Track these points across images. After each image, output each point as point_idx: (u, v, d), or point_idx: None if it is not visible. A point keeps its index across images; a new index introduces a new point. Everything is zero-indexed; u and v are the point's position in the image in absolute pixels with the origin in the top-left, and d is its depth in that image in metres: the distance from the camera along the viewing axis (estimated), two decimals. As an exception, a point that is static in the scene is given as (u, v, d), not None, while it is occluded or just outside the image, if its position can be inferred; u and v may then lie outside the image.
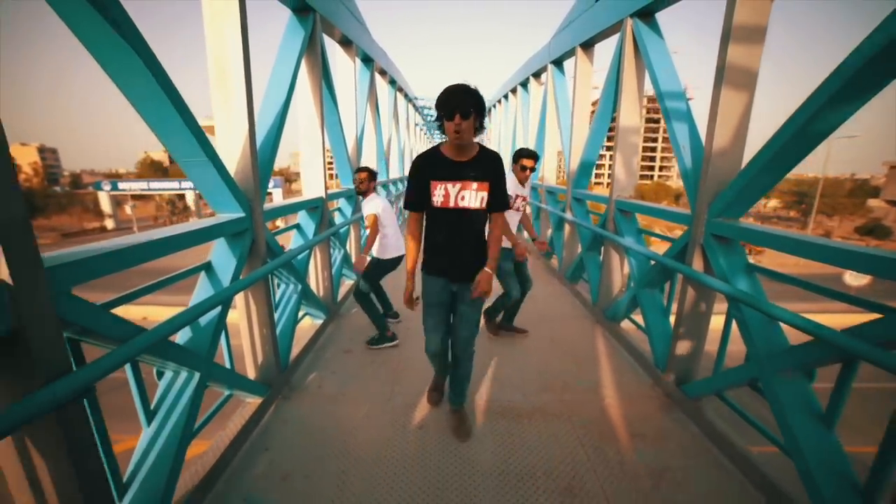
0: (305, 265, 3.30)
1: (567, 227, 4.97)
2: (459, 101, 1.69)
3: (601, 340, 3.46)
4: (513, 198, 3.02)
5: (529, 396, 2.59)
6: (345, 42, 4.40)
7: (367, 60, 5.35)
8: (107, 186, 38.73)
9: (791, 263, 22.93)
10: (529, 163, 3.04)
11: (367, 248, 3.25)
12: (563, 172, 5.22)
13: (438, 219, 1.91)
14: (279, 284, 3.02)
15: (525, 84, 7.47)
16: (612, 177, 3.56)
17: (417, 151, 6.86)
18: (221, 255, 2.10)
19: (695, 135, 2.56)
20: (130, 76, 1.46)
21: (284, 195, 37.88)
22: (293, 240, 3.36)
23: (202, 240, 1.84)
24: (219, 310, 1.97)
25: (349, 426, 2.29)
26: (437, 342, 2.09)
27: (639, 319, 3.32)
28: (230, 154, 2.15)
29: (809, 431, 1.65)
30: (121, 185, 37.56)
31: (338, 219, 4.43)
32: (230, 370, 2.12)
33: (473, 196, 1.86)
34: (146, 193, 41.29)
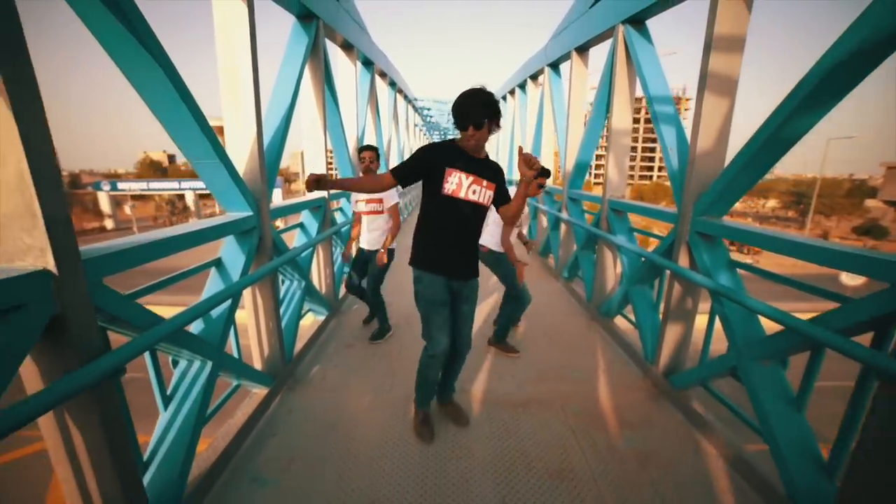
0: (309, 263, 3.42)
1: (563, 227, 5.10)
2: (473, 114, 1.74)
3: (594, 335, 3.58)
4: None
5: (524, 387, 2.71)
6: (346, 46, 4.52)
7: (368, 63, 5.47)
8: (106, 186, 38.76)
9: (788, 264, 23.11)
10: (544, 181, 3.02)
11: (391, 241, 3.12)
12: (560, 173, 5.35)
13: (445, 209, 1.90)
14: (284, 281, 3.14)
15: (523, 86, 7.60)
16: (605, 177, 3.69)
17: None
18: (231, 252, 2.21)
19: (681, 137, 2.68)
20: (151, 84, 1.57)
21: (284, 195, 37.94)
22: (297, 238, 3.48)
23: (214, 237, 1.96)
24: (229, 303, 2.09)
25: (352, 415, 2.41)
26: (446, 342, 2.02)
27: (631, 315, 3.44)
28: (239, 155, 2.27)
29: (781, 414, 1.78)
30: (120, 186, 37.59)
31: (339, 218, 4.55)
32: (239, 360, 2.23)
33: (482, 192, 1.92)
34: (146, 193, 41.31)
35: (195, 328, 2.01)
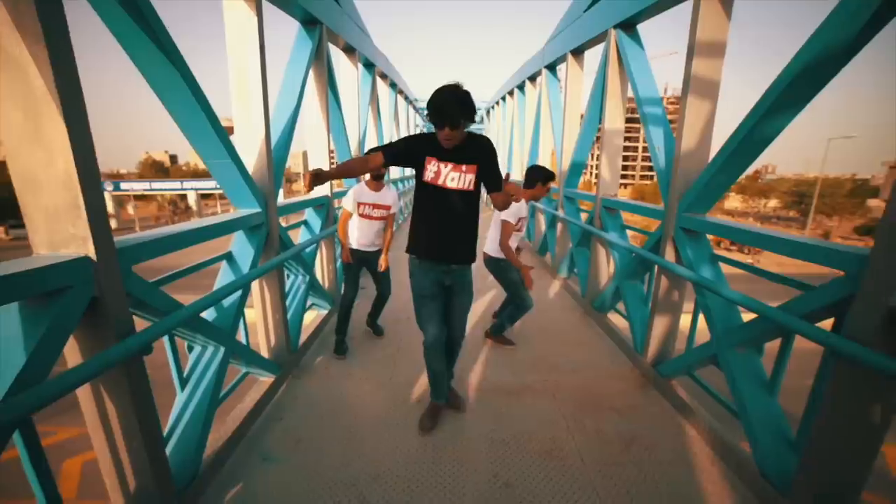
0: (313, 258, 3.55)
1: (559, 225, 5.23)
2: (449, 114, 1.74)
3: (588, 328, 3.71)
4: (513, 221, 2.90)
5: (518, 376, 2.85)
6: (348, 49, 4.66)
7: (369, 65, 5.61)
8: (109, 187, 38.92)
9: (788, 263, 23.17)
10: (549, 186, 3.01)
11: (389, 246, 3.18)
12: (557, 172, 5.47)
13: (429, 197, 1.95)
14: (289, 275, 3.28)
15: (522, 87, 7.73)
16: (598, 176, 3.82)
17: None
18: (241, 246, 2.35)
19: (668, 137, 2.81)
20: (171, 90, 1.71)
21: (285, 194, 37.97)
22: (301, 235, 3.61)
23: (226, 231, 2.10)
24: (239, 293, 2.22)
25: (354, 401, 2.55)
26: (436, 332, 2.10)
27: (623, 309, 3.57)
28: (249, 155, 2.40)
29: (755, 396, 1.91)
30: (123, 186, 37.86)
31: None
32: (248, 347, 2.37)
33: (462, 178, 1.90)
34: (148, 193, 41.53)
35: (208, 317, 2.15)
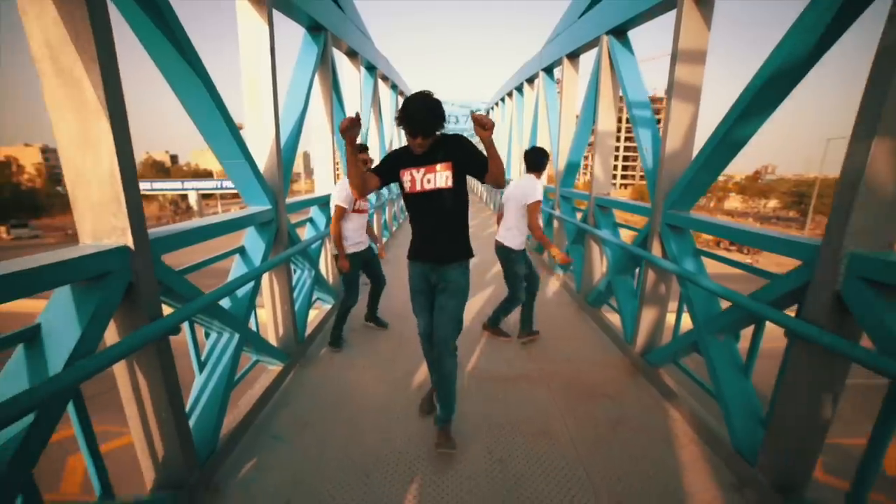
0: (318, 254, 3.71)
1: (555, 223, 5.38)
2: (422, 126, 1.76)
3: (582, 322, 3.86)
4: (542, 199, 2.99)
5: (513, 365, 3.00)
6: (351, 53, 4.82)
7: (371, 68, 5.77)
8: (111, 186, 38.79)
9: (788, 263, 23.24)
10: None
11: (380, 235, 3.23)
12: (553, 172, 5.62)
13: (413, 205, 2.00)
14: (296, 270, 3.43)
15: (520, 89, 7.89)
16: (592, 176, 3.97)
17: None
18: (252, 241, 2.51)
19: (656, 138, 2.97)
20: (192, 95, 1.87)
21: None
22: (307, 232, 3.77)
23: (240, 226, 2.26)
24: (252, 284, 2.38)
25: (358, 388, 2.70)
26: (425, 324, 2.13)
27: (615, 304, 3.72)
28: (259, 155, 2.56)
29: (731, 379, 2.06)
30: (125, 185, 37.89)
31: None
32: (259, 336, 2.53)
33: (438, 177, 1.89)
34: (149, 194, 41.65)
35: (223, 307, 2.30)
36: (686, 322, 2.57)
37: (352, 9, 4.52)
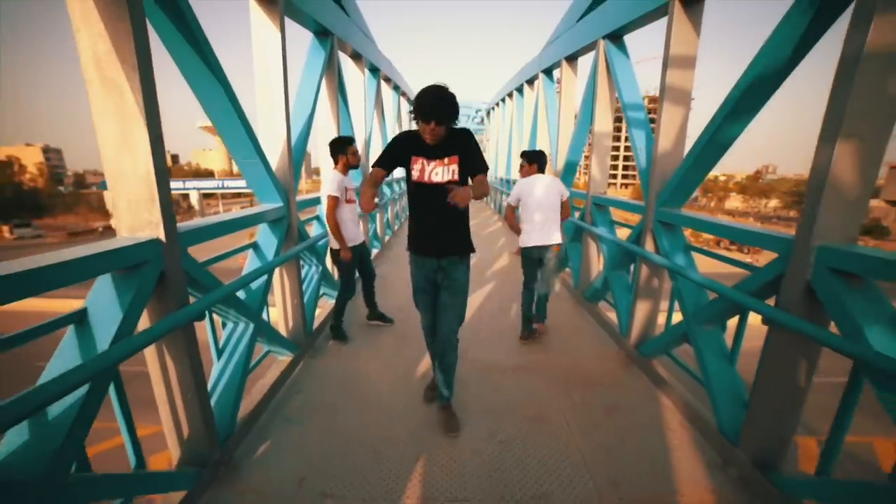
0: (325, 250, 3.84)
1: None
2: (437, 112, 1.80)
3: (579, 316, 3.99)
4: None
5: (511, 356, 3.13)
6: (355, 56, 4.95)
7: (374, 70, 5.90)
8: (113, 186, 38.92)
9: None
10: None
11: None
12: (552, 171, 5.75)
13: (417, 194, 2.01)
14: (304, 266, 3.57)
15: (520, 90, 8.02)
16: (589, 175, 4.10)
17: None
18: (265, 236, 2.64)
19: (649, 139, 3.09)
20: (213, 100, 2.00)
21: (288, 194, 38.02)
22: (314, 229, 3.90)
23: (255, 222, 2.39)
24: (265, 278, 2.51)
25: (365, 377, 2.83)
26: (429, 319, 2.26)
27: (611, 298, 3.84)
28: (272, 155, 2.69)
29: (718, 367, 2.19)
30: (127, 185, 38.03)
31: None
32: (271, 327, 2.66)
33: (445, 170, 1.94)
34: (152, 193, 41.54)
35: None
36: (678, 316, 2.70)
37: (356, 13, 4.65)
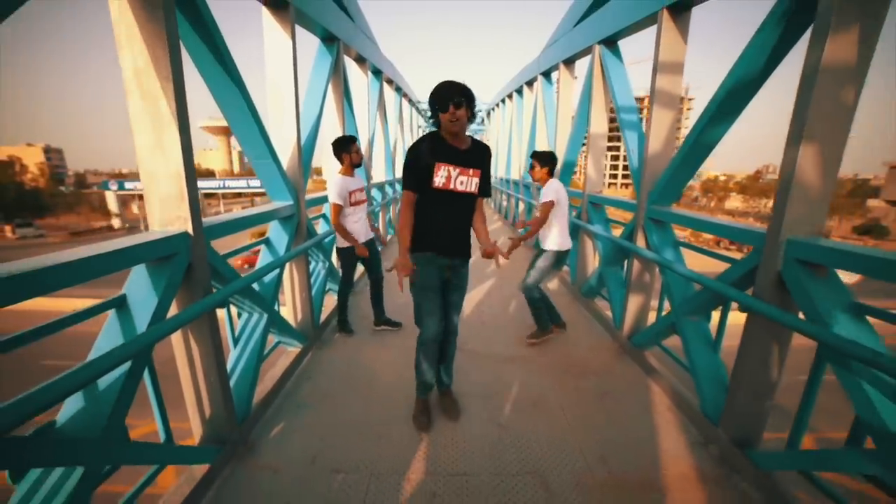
0: (331, 247, 3.99)
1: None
2: (453, 94, 1.83)
3: (575, 311, 4.14)
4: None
5: (509, 348, 3.28)
6: (359, 59, 5.10)
7: (377, 72, 6.04)
8: (114, 186, 39.37)
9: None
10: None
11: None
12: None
13: (437, 200, 1.98)
14: (311, 262, 3.71)
15: (520, 91, 8.16)
16: (585, 175, 4.24)
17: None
18: (276, 233, 2.79)
19: (641, 140, 3.24)
20: (230, 103, 2.15)
21: (289, 194, 38.33)
22: (321, 226, 4.05)
23: (268, 219, 2.54)
24: (277, 272, 2.66)
25: (372, 367, 2.97)
26: (436, 324, 2.16)
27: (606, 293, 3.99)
28: (283, 155, 2.83)
29: (702, 354, 2.34)
30: (127, 185, 38.30)
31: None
32: (283, 318, 2.80)
33: (469, 181, 1.98)
34: (153, 192, 41.80)
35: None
36: (667, 308, 2.84)
37: (360, 18, 4.79)
